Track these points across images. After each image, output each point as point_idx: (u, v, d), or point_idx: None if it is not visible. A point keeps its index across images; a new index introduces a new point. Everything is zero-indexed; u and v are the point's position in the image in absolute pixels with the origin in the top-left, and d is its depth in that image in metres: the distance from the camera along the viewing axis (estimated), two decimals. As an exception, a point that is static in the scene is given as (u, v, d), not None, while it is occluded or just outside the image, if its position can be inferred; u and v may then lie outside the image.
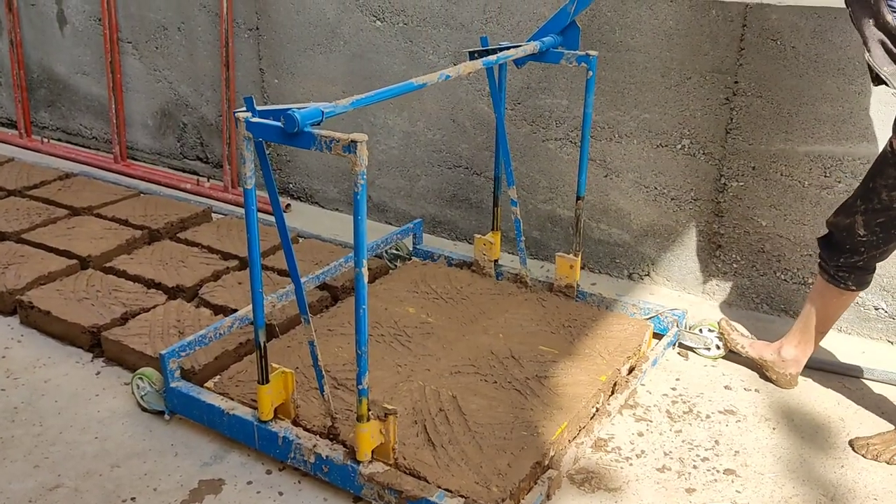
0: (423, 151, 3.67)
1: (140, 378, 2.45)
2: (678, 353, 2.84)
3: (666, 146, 3.08)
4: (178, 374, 2.41)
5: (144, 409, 2.47)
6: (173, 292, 3.05)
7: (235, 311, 2.83)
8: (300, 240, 3.59)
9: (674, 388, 2.64)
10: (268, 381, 2.14)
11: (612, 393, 2.53)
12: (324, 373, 2.18)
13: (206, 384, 2.45)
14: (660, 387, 2.65)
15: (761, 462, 2.31)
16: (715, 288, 3.17)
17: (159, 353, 2.36)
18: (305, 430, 2.23)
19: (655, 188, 3.16)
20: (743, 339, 2.71)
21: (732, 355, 2.77)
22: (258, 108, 1.87)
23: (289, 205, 4.06)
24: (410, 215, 3.79)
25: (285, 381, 2.21)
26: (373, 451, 2.06)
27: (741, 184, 2.97)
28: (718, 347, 2.79)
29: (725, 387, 2.66)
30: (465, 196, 3.63)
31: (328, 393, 2.19)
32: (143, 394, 2.46)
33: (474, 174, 3.57)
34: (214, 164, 4.39)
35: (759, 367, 2.70)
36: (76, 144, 4.94)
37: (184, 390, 2.36)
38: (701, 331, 2.82)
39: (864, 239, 2.30)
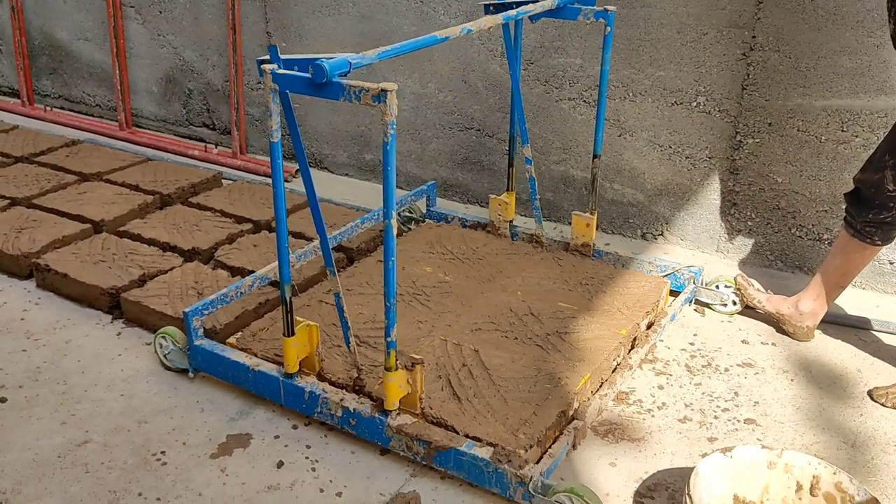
0: (434, 114, 3.66)
1: (163, 337, 2.45)
2: (695, 310, 2.86)
3: (681, 104, 3.07)
4: (201, 332, 2.41)
5: (168, 368, 2.48)
6: (189, 255, 3.04)
7: (252, 272, 2.83)
8: (312, 203, 3.58)
9: (692, 343, 2.67)
10: (293, 334, 2.15)
11: (633, 347, 2.55)
12: (350, 325, 2.19)
13: (227, 340, 2.45)
14: (678, 342, 2.67)
15: (781, 412, 2.34)
16: (729, 246, 3.18)
17: (183, 312, 2.36)
18: (331, 383, 2.24)
19: (670, 147, 3.16)
20: (759, 294, 2.73)
21: (749, 311, 2.79)
22: (282, 57, 1.87)
23: (297, 170, 4.04)
24: (422, 178, 3.79)
25: (310, 334, 2.21)
26: (399, 402, 2.07)
27: (757, 140, 2.98)
28: (735, 303, 2.81)
29: (742, 341, 2.68)
30: (477, 158, 3.62)
31: (354, 344, 2.20)
32: (166, 353, 2.46)
33: (486, 136, 3.56)
34: (221, 130, 4.37)
35: (775, 322, 2.72)
36: (79, 112, 4.90)
37: (208, 348, 2.37)
38: (717, 287, 2.83)
39: (894, 194, 2.30)
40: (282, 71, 1.86)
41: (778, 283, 3.00)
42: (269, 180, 3.80)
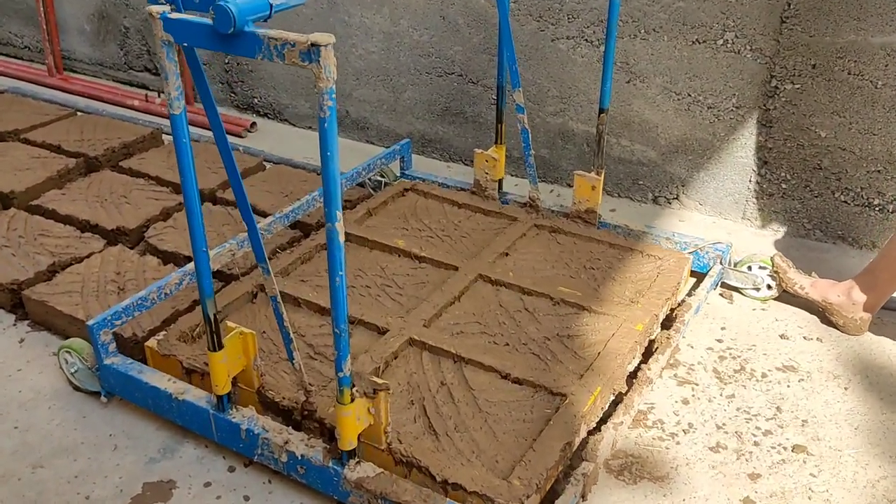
0: (408, 56, 3.10)
1: (67, 352, 1.97)
2: (721, 295, 2.39)
3: (704, 42, 2.54)
4: (112, 347, 1.93)
5: (77, 389, 2.00)
6: (113, 236, 2.53)
7: (189, 259, 2.33)
8: (267, 165, 3.05)
9: (720, 340, 2.20)
10: (221, 347, 1.66)
11: (651, 347, 2.08)
12: (292, 336, 1.70)
13: (147, 343, 1.96)
14: (703, 338, 2.21)
15: (836, 434, 1.89)
16: (757, 212, 2.69)
17: (87, 324, 1.87)
18: (274, 408, 1.77)
19: (689, 95, 2.63)
20: (803, 279, 2.25)
21: (785, 295, 2.32)
22: (184, -3, 1.33)
23: (254, 123, 3.50)
24: (396, 133, 3.26)
25: (245, 344, 1.72)
26: (360, 435, 1.60)
27: (797, 86, 2.45)
28: (770, 287, 2.34)
29: (781, 336, 2.21)
30: (460, 109, 3.09)
31: (299, 361, 1.73)
32: (73, 370, 1.98)
33: (470, 82, 3.02)
34: (165, 75, 3.79)
35: (820, 310, 2.26)
36: (7, 56, 4.30)
37: (121, 369, 1.88)
38: (749, 268, 2.35)
39: None
40: (176, 15, 1.33)
41: (816, 257, 2.53)
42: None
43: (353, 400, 1.52)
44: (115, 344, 1.94)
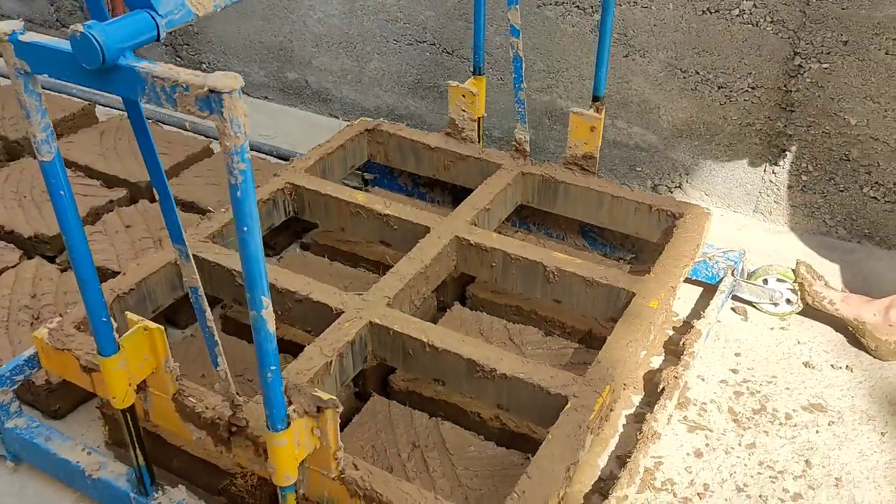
0: (373, 21, 2.71)
1: (-37, 409, 1.64)
2: (733, 310, 2.09)
3: (716, 12, 2.18)
4: (15, 406, 1.60)
5: (-21, 450, 1.69)
6: (31, 245, 2.18)
7: (117, 273, 1.99)
8: (215, 152, 2.68)
9: (734, 371, 1.91)
10: (116, 351, 1.29)
11: (654, 379, 1.78)
12: (217, 338, 1.35)
13: (34, 334, 1.54)
14: (715, 368, 1.91)
15: (875, 498, 1.62)
16: (772, 206, 2.37)
17: (-21, 383, 1.54)
18: (194, 415, 1.39)
19: (696, 72, 2.28)
20: (832, 293, 1.96)
21: (807, 308, 2.03)
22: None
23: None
24: (362, 107, 2.89)
25: (151, 341, 1.33)
26: (304, 461, 1.28)
27: (825, 66, 2.11)
28: (790, 302, 2.04)
29: (805, 364, 1.92)
30: (433, 81, 2.71)
31: (225, 368, 1.36)
32: (-28, 430, 1.66)
33: (444, 52, 2.64)
34: (102, 37, 3.37)
35: (849, 329, 1.97)
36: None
37: (25, 435, 1.56)
38: (766, 281, 2.05)
39: None
40: (29, 38, 0.96)
41: (838, 258, 2.24)
42: (171, 112, 2.91)
43: (288, 424, 1.18)
44: (20, 398, 1.61)
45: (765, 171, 2.33)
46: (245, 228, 0.94)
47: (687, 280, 2.08)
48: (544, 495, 1.28)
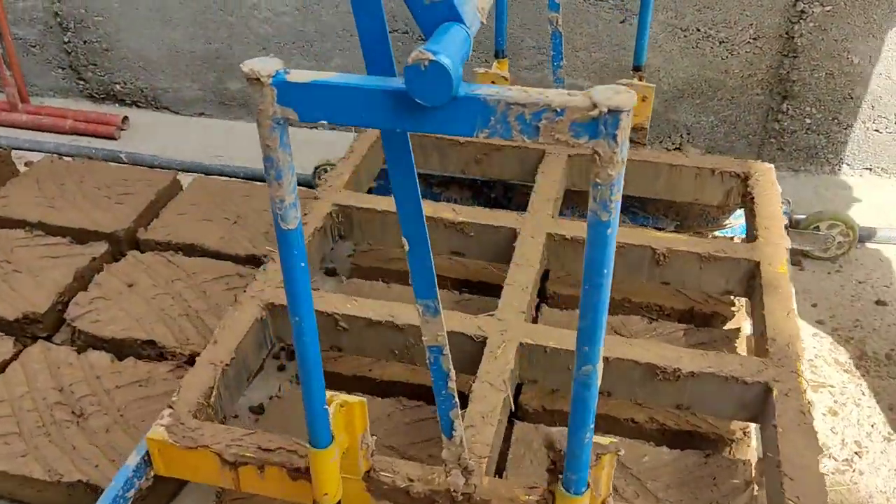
0: (332, 15, 2.48)
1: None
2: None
3: (718, -33, 2.16)
4: (124, 528, 1.31)
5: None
6: (20, 328, 1.82)
7: (153, 344, 1.71)
8: (182, 181, 2.36)
9: (820, 322, 1.93)
10: (330, 441, 1.08)
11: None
12: (455, 400, 1.17)
13: (149, 434, 1.29)
14: (801, 322, 1.91)
15: None
16: (776, 153, 2.41)
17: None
18: (399, 491, 1.19)
19: (697, 30, 2.26)
20: None
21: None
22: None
23: (125, 118, 2.74)
24: (325, 110, 2.65)
25: (348, 418, 1.11)
26: None
27: (828, 8, 2.15)
28: (840, 245, 2.08)
29: (877, 302, 1.97)
30: (407, 72, 2.53)
31: (461, 432, 1.17)
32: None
33: (420, 40, 2.46)
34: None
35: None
36: None
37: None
38: (817, 228, 2.07)
39: None
40: (303, 76, 0.75)
41: (841, 194, 2.31)
42: (98, 145, 2.55)
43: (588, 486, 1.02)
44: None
45: (768, 119, 2.36)
46: (605, 271, 0.78)
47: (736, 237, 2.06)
48: (818, 491, 1.20)
